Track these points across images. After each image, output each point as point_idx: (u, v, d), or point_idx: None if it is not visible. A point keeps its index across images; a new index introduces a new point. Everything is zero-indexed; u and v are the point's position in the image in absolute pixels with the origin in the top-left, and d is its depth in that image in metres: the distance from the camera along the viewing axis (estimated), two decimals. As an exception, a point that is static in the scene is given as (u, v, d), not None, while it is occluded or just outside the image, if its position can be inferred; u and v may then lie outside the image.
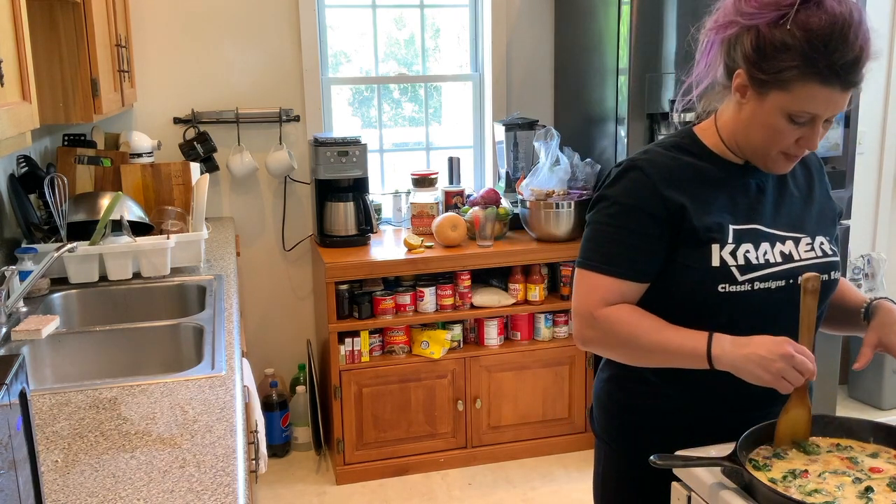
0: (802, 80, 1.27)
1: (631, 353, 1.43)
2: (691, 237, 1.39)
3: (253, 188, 3.57)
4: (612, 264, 1.42)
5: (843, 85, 1.28)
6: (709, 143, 1.47)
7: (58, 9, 2.25)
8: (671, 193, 1.40)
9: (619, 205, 1.43)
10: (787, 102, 1.30)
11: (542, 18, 3.73)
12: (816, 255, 1.45)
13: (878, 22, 3.78)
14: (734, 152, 1.45)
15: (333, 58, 3.71)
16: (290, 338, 3.70)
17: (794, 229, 1.46)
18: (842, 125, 3.17)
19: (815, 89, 1.27)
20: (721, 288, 1.37)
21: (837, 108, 1.31)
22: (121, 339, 2.15)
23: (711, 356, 1.32)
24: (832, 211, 1.56)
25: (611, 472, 1.61)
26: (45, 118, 2.19)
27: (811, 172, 1.55)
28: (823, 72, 1.26)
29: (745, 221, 1.42)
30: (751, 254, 1.39)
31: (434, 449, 3.35)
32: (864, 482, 1.23)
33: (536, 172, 3.33)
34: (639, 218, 1.41)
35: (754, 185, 1.46)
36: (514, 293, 3.35)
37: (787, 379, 1.28)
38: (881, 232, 4.09)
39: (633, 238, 1.41)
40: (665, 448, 1.34)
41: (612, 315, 1.40)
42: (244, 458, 1.42)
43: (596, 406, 1.63)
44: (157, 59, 3.37)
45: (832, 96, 1.28)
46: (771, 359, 1.27)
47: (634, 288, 1.42)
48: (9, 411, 0.94)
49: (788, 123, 1.32)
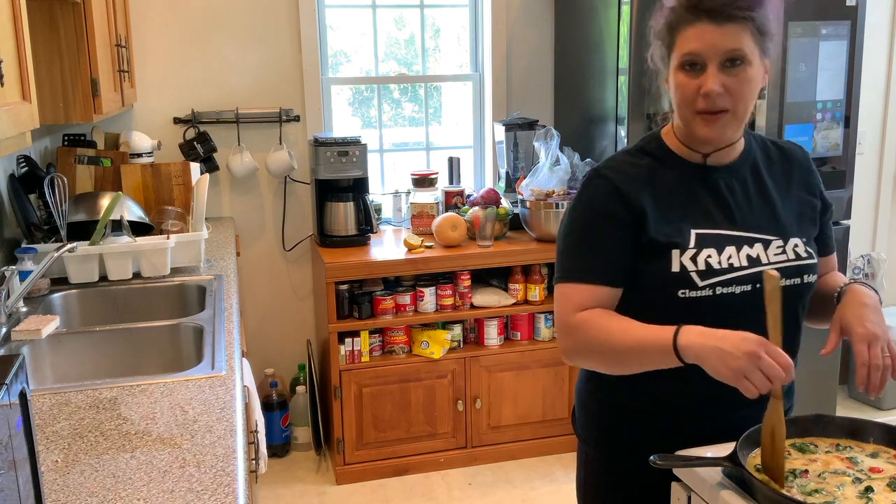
0: (678, 28, 1.36)
1: (608, 358, 1.41)
2: (652, 242, 1.39)
3: (253, 188, 3.57)
4: (584, 272, 1.42)
5: (709, 17, 1.32)
6: (671, 144, 1.47)
7: (58, 9, 2.25)
8: (633, 198, 1.40)
9: (586, 215, 1.45)
10: (676, 57, 1.37)
11: (542, 18, 3.73)
12: (788, 259, 1.42)
13: (878, 22, 3.78)
14: (690, 148, 1.45)
15: (333, 58, 3.71)
16: (290, 338, 3.70)
17: (765, 230, 1.43)
18: (842, 125, 3.17)
19: (688, 30, 1.35)
20: (681, 293, 1.37)
21: (719, 44, 1.33)
22: (121, 339, 2.15)
23: (678, 346, 1.28)
24: (813, 210, 1.51)
25: (593, 475, 1.60)
26: (45, 118, 2.19)
27: (792, 167, 1.52)
28: (688, 13, 1.34)
29: (708, 225, 1.41)
30: (713, 258, 1.38)
31: (434, 449, 3.35)
32: (864, 482, 1.23)
33: (536, 172, 3.33)
34: (605, 224, 1.42)
35: (723, 186, 1.44)
36: (514, 293, 3.35)
37: (750, 380, 1.20)
38: (881, 232, 4.09)
39: (602, 244, 1.42)
40: (646, 450, 1.32)
41: (584, 320, 1.39)
42: (244, 458, 1.42)
43: (578, 407, 1.62)
44: (157, 59, 3.37)
45: (704, 31, 1.33)
46: (734, 355, 1.21)
47: (608, 293, 1.42)
48: (9, 411, 0.94)
49: (685, 75, 1.36)
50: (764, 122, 3.00)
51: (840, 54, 3.02)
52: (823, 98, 3.05)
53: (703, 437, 1.39)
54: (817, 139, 3.17)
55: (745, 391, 1.21)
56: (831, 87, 3.05)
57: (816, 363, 3.25)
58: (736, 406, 1.38)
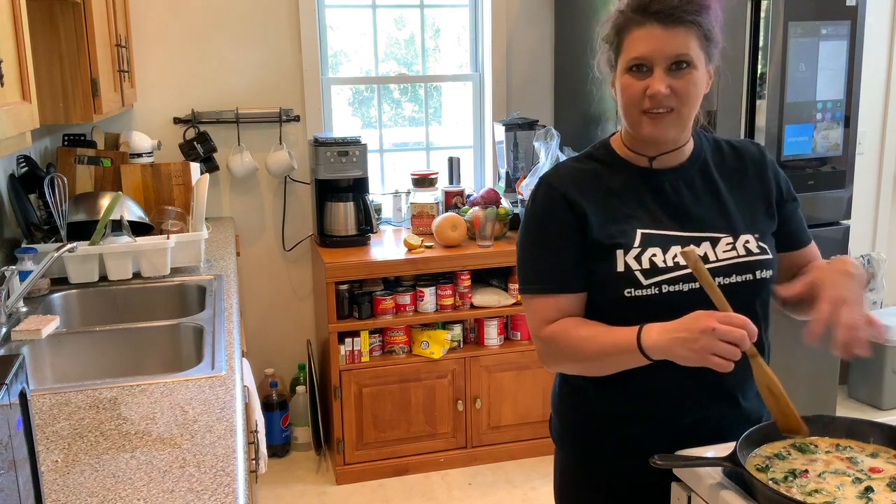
0: (626, 31, 1.38)
1: (582, 365, 1.44)
2: (595, 244, 1.41)
3: (253, 188, 3.57)
4: (542, 282, 1.45)
5: (657, 19, 1.34)
6: (619, 150, 1.49)
7: (58, 9, 2.25)
8: (576, 202, 1.42)
9: (535, 223, 1.47)
10: (624, 60, 1.39)
11: (542, 18, 3.73)
12: (738, 255, 1.42)
13: (878, 22, 3.78)
14: (636, 152, 1.47)
15: (333, 58, 3.71)
16: (290, 338, 3.70)
17: (713, 228, 1.44)
18: (842, 125, 3.17)
19: (635, 33, 1.36)
20: (627, 292, 1.38)
21: (667, 47, 1.34)
22: (121, 339, 2.15)
23: (643, 347, 1.31)
24: (768, 205, 1.49)
25: (568, 479, 1.61)
26: (45, 118, 2.19)
27: (745, 165, 1.51)
28: (636, 16, 1.36)
29: (654, 226, 1.43)
30: (657, 257, 1.39)
31: (434, 449, 3.35)
32: (864, 482, 1.23)
33: (536, 172, 3.33)
34: (553, 230, 1.44)
35: (668, 188, 1.45)
36: (514, 293, 3.35)
37: (717, 354, 1.22)
38: (881, 232, 4.09)
39: (553, 251, 1.44)
40: (621, 453, 1.33)
41: (554, 333, 1.42)
42: (244, 458, 1.42)
43: (553, 413, 1.63)
44: (157, 59, 3.37)
45: (651, 34, 1.34)
46: (692, 338, 1.24)
47: (570, 300, 1.44)
48: (9, 411, 0.94)
49: (632, 77, 1.38)
50: (764, 122, 3.00)
51: (840, 54, 3.02)
52: (823, 98, 3.05)
53: (677, 440, 1.39)
54: (817, 139, 3.17)
55: (717, 367, 1.23)
56: (831, 87, 3.05)
57: (816, 363, 3.26)
58: (705, 403, 1.42)
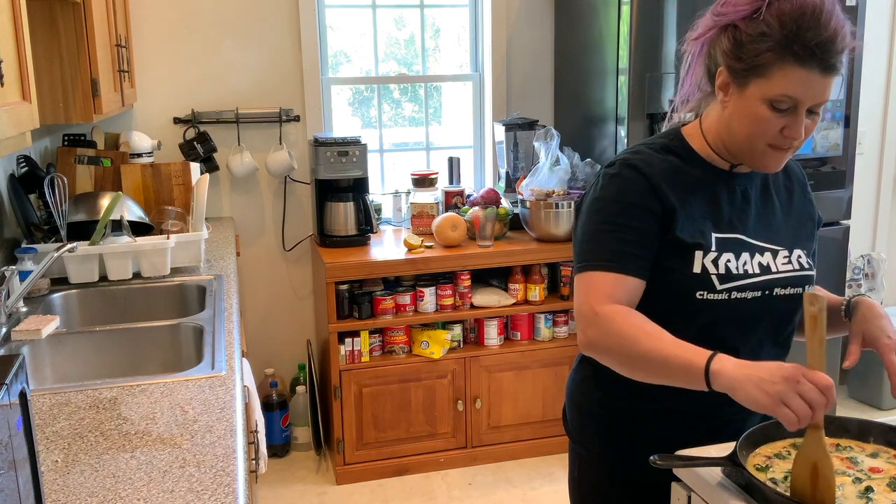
0: (779, 62, 1.28)
1: (628, 358, 1.34)
2: (676, 241, 1.39)
3: (253, 188, 3.57)
4: (614, 261, 1.37)
5: (820, 66, 1.27)
6: (695, 145, 1.46)
7: (58, 9, 2.25)
8: (665, 194, 1.39)
9: (618, 203, 1.41)
10: (767, 89, 1.30)
11: (542, 18, 3.73)
12: (794, 269, 1.45)
13: (878, 22, 3.78)
14: (720, 156, 1.44)
15: (333, 58, 3.71)
16: (290, 338, 3.70)
17: (774, 241, 1.46)
18: (842, 125, 3.17)
19: (793, 71, 1.28)
20: (699, 295, 1.37)
21: (819, 94, 1.30)
22: (121, 339, 2.15)
23: (710, 371, 1.22)
24: (812, 224, 1.54)
25: (588, 477, 1.59)
26: (45, 118, 2.19)
27: (793, 183, 1.54)
28: (798, 52, 1.26)
29: (727, 230, 1.42)
30: (732, 263, 1.39)
31: (434, 449, 3.35)
32: (864, 482, 1.23)
33: (536, 172, 3.33)
34: (639, 215, 1.39)
35: (739, 193, 1.45)
36: (514, 293, 3.35)
37: (789, 406, 1.15)
38: (881, 232, 4.09)
39: (634, 235, 1.38)
40: (646, 450, 1.29)
41: (615, 313, 1.34)
42: (244, 458, 1.42)
43: (570, 408, 1.60)
44: (157, 59, 3.37)
45: (810, 78, 1.28)
46: (771, 380, 1.16)
47: (637, 284, 1.38)
48: (9, 411, 0.94)
49: (771, 111, 1.31)
50: (764, 122, 3.00)
51: (840, 54, 3.02)
52: (823, 98, 3.05)
53: (702, 436, 1.40)
54: (817, 139, 3.17)
55: (784, 419, 1.16)
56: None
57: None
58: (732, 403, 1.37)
